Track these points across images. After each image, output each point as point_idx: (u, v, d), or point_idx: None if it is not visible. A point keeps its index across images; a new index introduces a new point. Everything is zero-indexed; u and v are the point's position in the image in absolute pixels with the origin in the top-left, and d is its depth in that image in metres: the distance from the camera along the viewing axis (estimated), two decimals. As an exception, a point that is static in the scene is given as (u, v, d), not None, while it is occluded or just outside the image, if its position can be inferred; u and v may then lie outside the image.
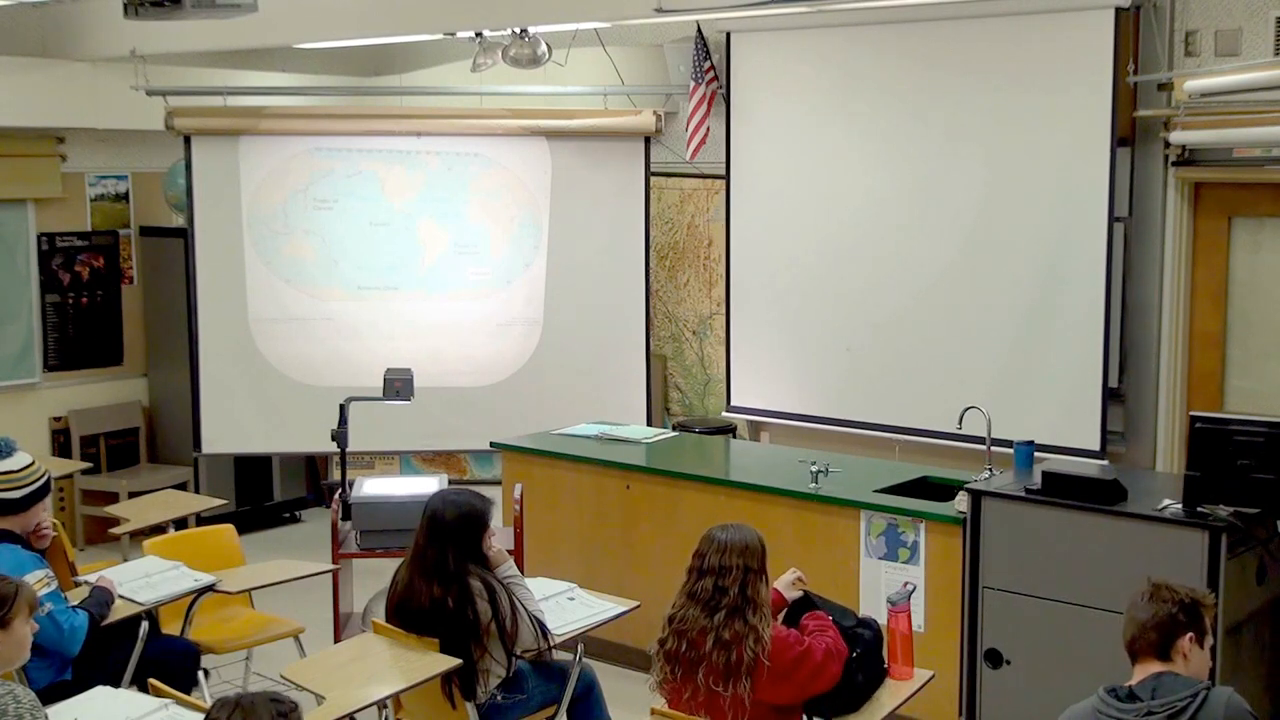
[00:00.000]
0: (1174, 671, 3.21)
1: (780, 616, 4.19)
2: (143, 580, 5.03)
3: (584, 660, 4.72)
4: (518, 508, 5.81)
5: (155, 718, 3.84)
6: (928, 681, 4.25)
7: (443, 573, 4.35)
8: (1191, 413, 4.99)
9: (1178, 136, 6.12)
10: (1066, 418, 6.39)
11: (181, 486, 8.20)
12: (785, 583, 4.25)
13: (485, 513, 4.52)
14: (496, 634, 4.36)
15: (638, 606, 4.86)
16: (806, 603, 4.27)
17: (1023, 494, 4.91)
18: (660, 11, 5.92)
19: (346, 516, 5.91)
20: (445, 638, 4.31)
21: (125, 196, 8.67)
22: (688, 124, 7.65)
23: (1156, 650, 3.24)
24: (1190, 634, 3.25)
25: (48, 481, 4.85)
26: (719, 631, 3.88)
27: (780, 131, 7.37)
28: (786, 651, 3.91)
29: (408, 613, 4.40)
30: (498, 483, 7.01)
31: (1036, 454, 6.08)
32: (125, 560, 5.89)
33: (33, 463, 4.84)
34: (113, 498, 7.89)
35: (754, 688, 3.85)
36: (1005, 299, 6.61)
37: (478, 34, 7.20)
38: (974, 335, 6.71)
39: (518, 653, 4.47)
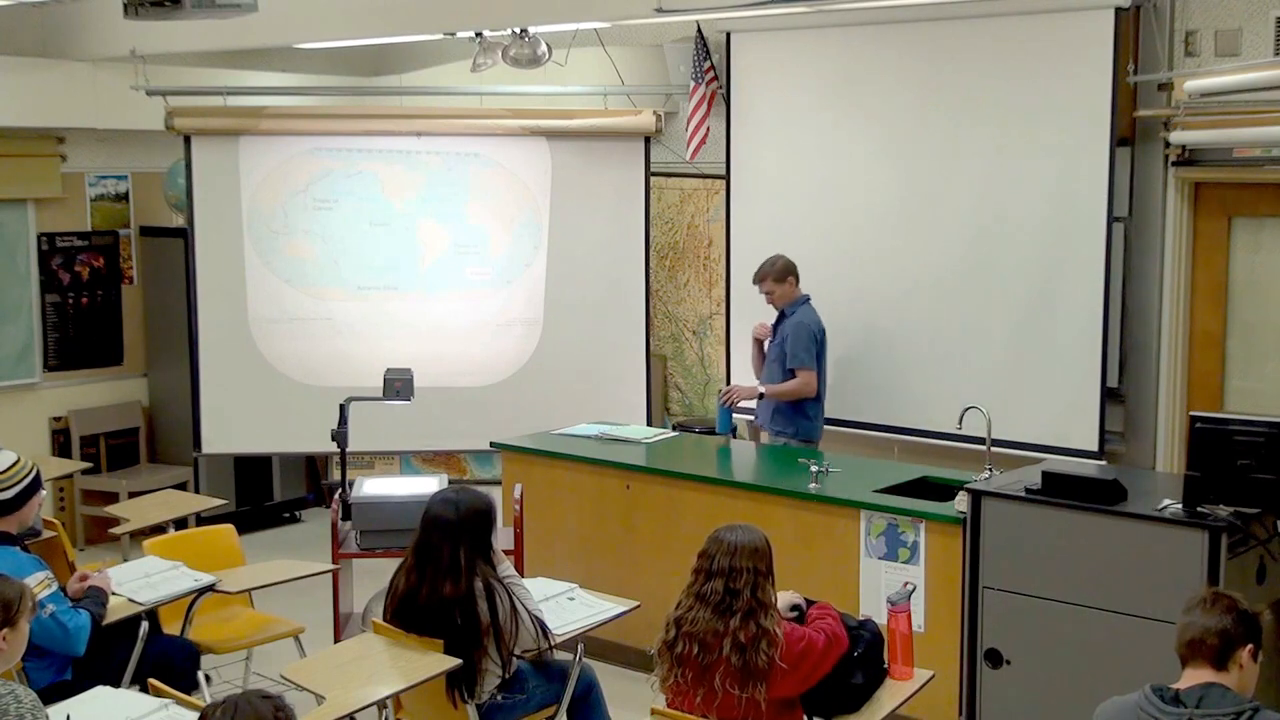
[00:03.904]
0: (1224, 684, 3.19)
1: None
2: (143, 580, 5.03)
3: (584, 660, 4.72)
4: (518, 508, 5.81)
5: (155, 718, 3.84)
6: (928, 681, 4.25)
7: (455, 570, 4.34)
8: (1191, 413, 4.99)
9: (1178, 136, 6.12)
10: (1066, 418, 6.40)
11: (181, 486, 8.20)
12: (784, 604, 4.23)
13: (493, 508, 4.52)
14: (494, 636, 4.35)
15: (638, 606, 4.86)
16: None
17: (1023, 494, 4.91)
18: (660, 11, 5.92)
19: (346, 516, 5.91)
20: (450, 637, 4.31)
21: (125, 196, 8.67)
22: (688, 124, 7.66)
23: (1214, 658, 3.21)
24: (1250, 645, 3.24)
25: (38, 476, 4.82)
26: (735, 635, 3.87)
27: (780, 131, 7.37)
28: (793, 647, 3.92)
29: (414, 612, 4.38)
30: (498, 483, 7.00)
31: (1036, 454, 6.13)
32: (125, 560, 5.89)
33: (18, 460, 4.81)
34: (113, 498, 7.89)
35: (769, 689, 3.86)
36: (1005, 299, 6.61)
37: (478, 34, 7.19)
38: (974, 335, 6.72)
39: (518, 653, 4.47)
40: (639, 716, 4.13)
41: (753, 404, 6.84)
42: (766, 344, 6.80)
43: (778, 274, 6.63)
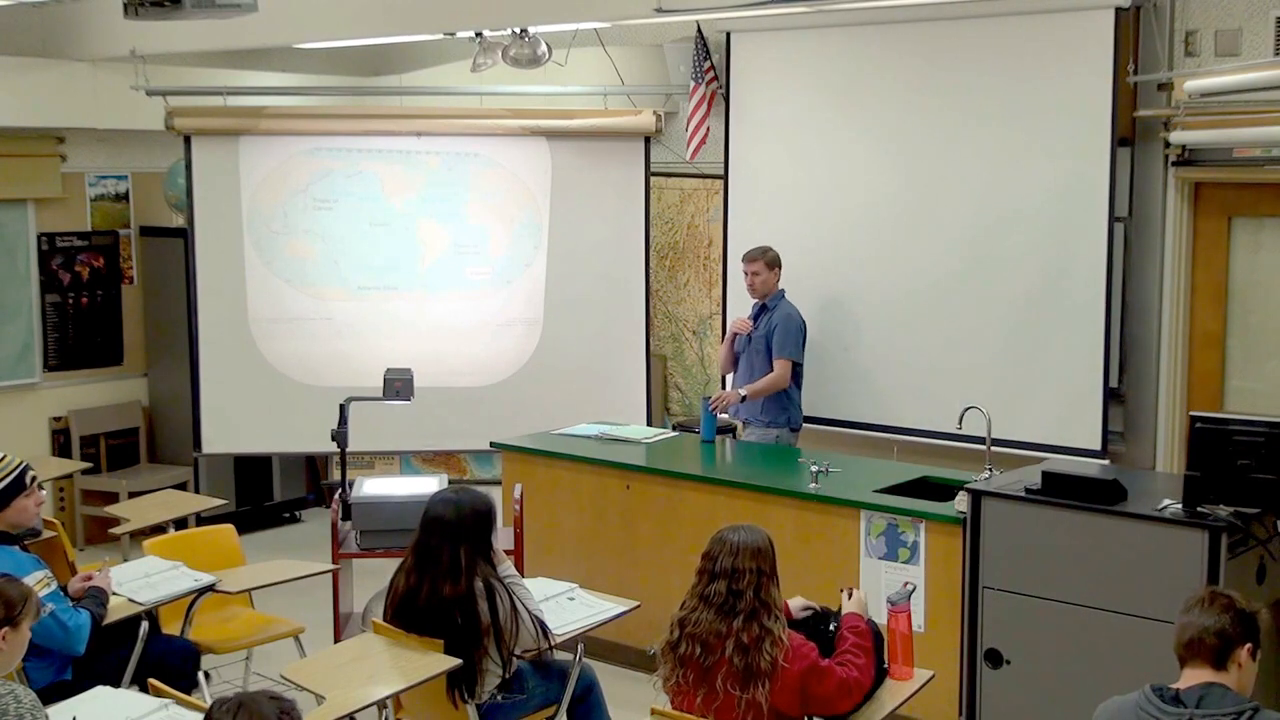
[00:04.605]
0: (1224, 684, 3.19)
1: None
2: (143, 580, 5.03)
3: (584, 660, 4.72)
4: (518, 508, 5.81)
5: (155, 718, 3.84)
6: (928, 681, 4.25)
7: (455, 570, 4.34)
8: (1191, 413, 4.99)
9: (1178, 136, 6.12)
10: (1067, 417, 6.40)
11: (181, 486, 8.20)
12: (796, 607, 4.23)
13: (493, 508, 4.52)
14: (494, 636, 4.36)
15: (638, 606, 4.86)
16: (821, 617, 4.24)
17: (1023, 494, 4.91)
18: (660, 11, 5.92)
19: (346, 516, 5.91)
20: (451, 637, 4.31)
21: (125, 196, 8.67)
22: (688, 124, 7.66)
23: (1213, 657, 3.21)
24: (1248, 645, 3.24)
25: (21, 475, 4.78)
26: (739, 636, 3.85)
27: (780, 131, 7.37)
28: (796, 662, 3.88)
29: (414, 613, 4.38)
30: (498, 483, 7.00)
31: (1038, 453, 6.13)
32: (125, 560, 5.89)
33: (3, 457, 4.80)
34: (113, 498, 7.89)
35: (771, 691, 3.84)
36: (1005, 299, 6.61)
37: (478, 34, 7.20)
38: (974, 335, 6.72)
39: (518, 653, 4.47)
40: (639, 716, 4.13)
41: (733, 411, 6.89)
42: (738, 341, 6.90)
43: (769, 260, 6.81)
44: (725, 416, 7.02)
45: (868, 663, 4.02)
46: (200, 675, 5.08)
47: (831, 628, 4.17)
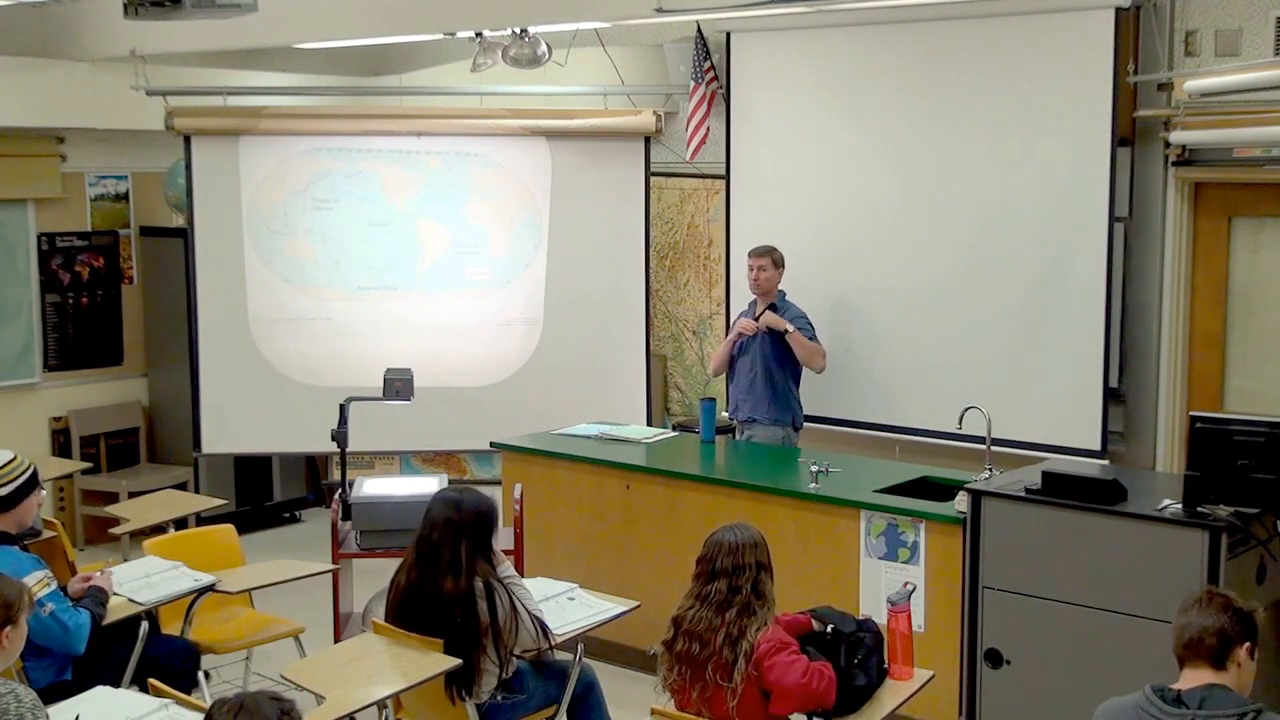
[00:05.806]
0: (1225, 685, 3.19)
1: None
2: (143, 580, 5.03)
3: (584, 660, 4.72)
4: (518, 508, 5.81)
5: (155, 718, 3.84)
6: (928, 681, 4.26)
7: (456, 567, 4.35)
8: (1191, 413, 4.99)
9: (1178, 136, 6.12)
10: (1067, 417, 6.40)
11: (181, 486, 8.20)
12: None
13: (494, 509, 4.54)
14: (493, 636, 4.36)
15: (638, 606, 4.86)
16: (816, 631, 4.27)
17: (1023, 494, 4.91)
18: (660, 11, 5.93)
19: (346, 516, 5.91)
20: (451, 636, 4.31)
21: (125, 196, 8.67)
22: (688, 124, 7.66)
23: (1213, 657, 3.21)
24: (1247, 644, 3.24)
25: (34, 475, 4.79)
26: (729, 629, 3.95)
27: (780, 131, 7.37)
28: (766, 644, 3.94)
29: (414, 608, 4.39)
30: (498, 483, 7.00)
31: (1038, 453, 6.13)
32: (125, 560, 5.89)
33: (14, 458, 4.79)
34: (113, 498, 7.89)
35: (748, 670, 3.88)
36: (1005, 299, 6.61)
37: (478, 34, 7.20)
38: (974, 335, 6.72)
39: (518, 653, 4.47)
40: (639, 716, 4.14)
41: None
42: (737, 344, 6.85)
43: (777, 259, 6.81)
44: (725, 415, 7.02)
45: (813, 663, 4.02)
46: (200, 675, 5.08)
47: (830, 629, 4.20)
